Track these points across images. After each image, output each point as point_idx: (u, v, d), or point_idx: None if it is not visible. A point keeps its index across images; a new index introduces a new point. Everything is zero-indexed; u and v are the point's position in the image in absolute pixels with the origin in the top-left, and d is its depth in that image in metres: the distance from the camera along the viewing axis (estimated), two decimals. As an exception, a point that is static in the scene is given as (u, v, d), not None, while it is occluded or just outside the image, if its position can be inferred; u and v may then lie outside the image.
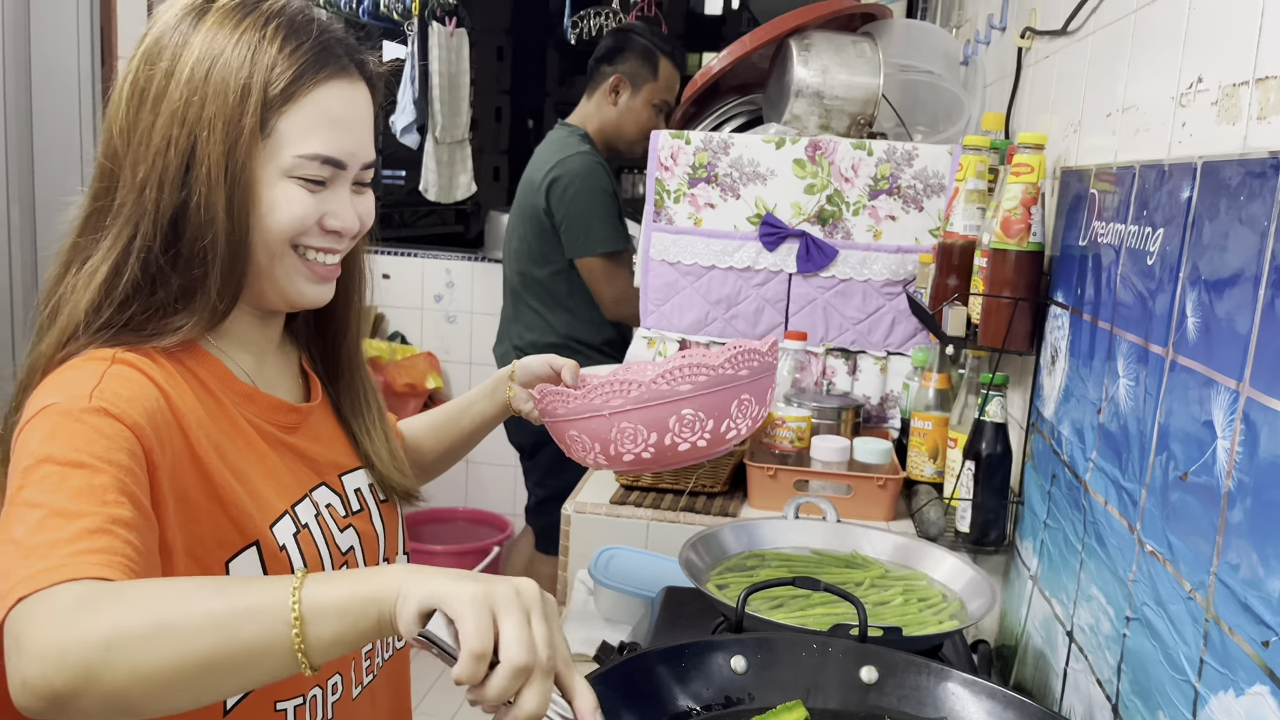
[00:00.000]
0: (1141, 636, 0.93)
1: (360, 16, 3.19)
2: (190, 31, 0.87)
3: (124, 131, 0.87)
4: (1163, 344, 0.94)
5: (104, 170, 0.89)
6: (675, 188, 1.96)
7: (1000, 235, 1.39)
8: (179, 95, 0.85)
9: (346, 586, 0.66)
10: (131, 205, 0.86)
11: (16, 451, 0.77)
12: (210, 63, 0.85)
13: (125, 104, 0.87)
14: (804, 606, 1.17)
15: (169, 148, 0.85)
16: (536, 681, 0.64)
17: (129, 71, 0.89)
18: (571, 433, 1.10)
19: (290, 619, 0.64)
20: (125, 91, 0.88)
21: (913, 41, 2.20)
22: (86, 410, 0.76)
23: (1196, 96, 0.93)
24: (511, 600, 0.65)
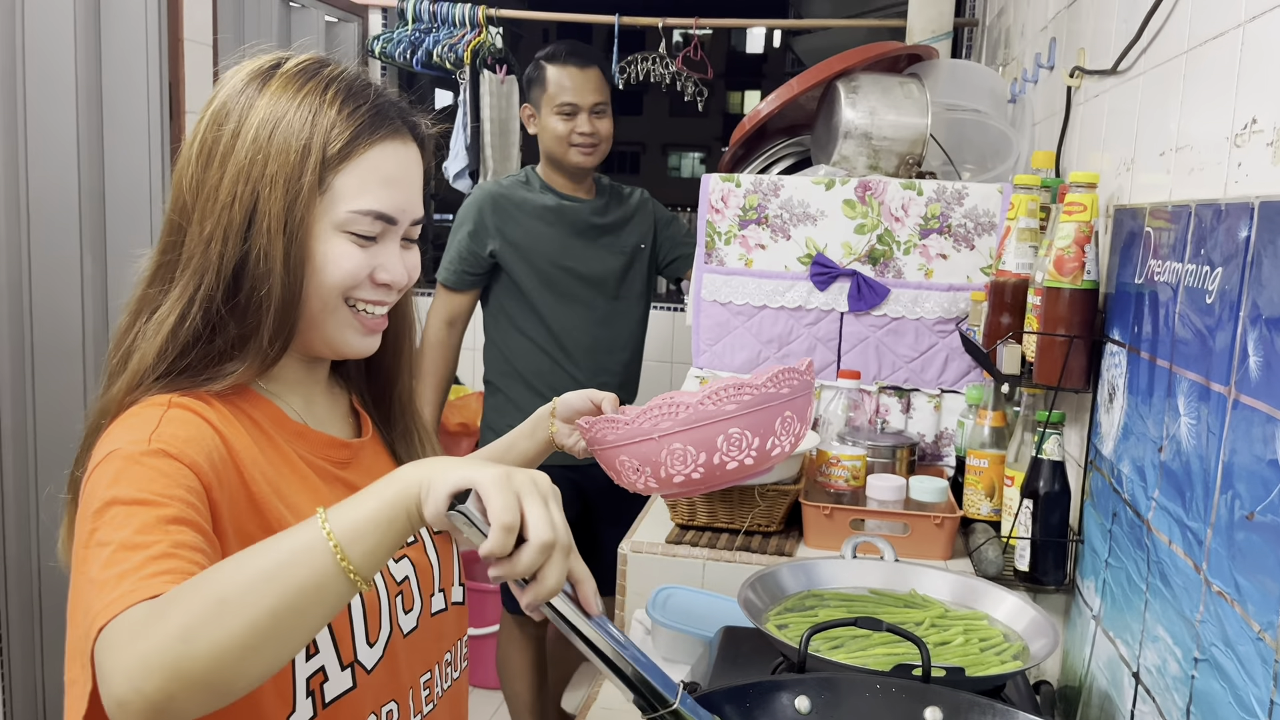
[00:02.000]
0: (1210, 678, 0.92)
1: (414, 66, 3.28)
2: (256, 95, 0.92)
3: (192, 188, 0.91)
4: (1224, 382, 0.94)
5: (172, 225, 0.93)
6: (726, 229, 1.99)
7: (1054, 273, 1.39)
8: (244, 154, 0.89)
9: (370, 500, 0.72)
10: (199, 258, 0.90)
11: (85, 495, 0.81)
12: (274, 124, 0.90)
13: (194, 162, 0.92)
14: (864, 646, 1.17)
15: (234, 203, 0.89)
16: (557, 558, 0.70)
17: (197, 132, 0.94)
18: (622, 458, 1.12)
19: (330, 549, 0.69)
20: (194, 150, 0.92)
21: (958, 81, 2.22)
22: (146, 453, 0.81)
23: (1251, 137, 0.94)
24: (532, 485, 0.71)
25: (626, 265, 2.55)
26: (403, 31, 3.30)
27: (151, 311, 0.92)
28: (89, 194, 2.20)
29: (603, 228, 2.53)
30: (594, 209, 2.53)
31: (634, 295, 2.58)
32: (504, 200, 2.48)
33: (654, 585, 1.63)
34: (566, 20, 3.43)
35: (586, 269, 2.49)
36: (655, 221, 2.63)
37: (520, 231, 2.46)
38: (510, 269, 2.47)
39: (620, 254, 2.55)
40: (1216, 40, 1.06)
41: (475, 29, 3.28)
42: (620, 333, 2.55)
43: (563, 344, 2.48)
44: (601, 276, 2.52)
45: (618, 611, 1.71)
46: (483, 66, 3.29)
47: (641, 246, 2.59)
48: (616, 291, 2.54)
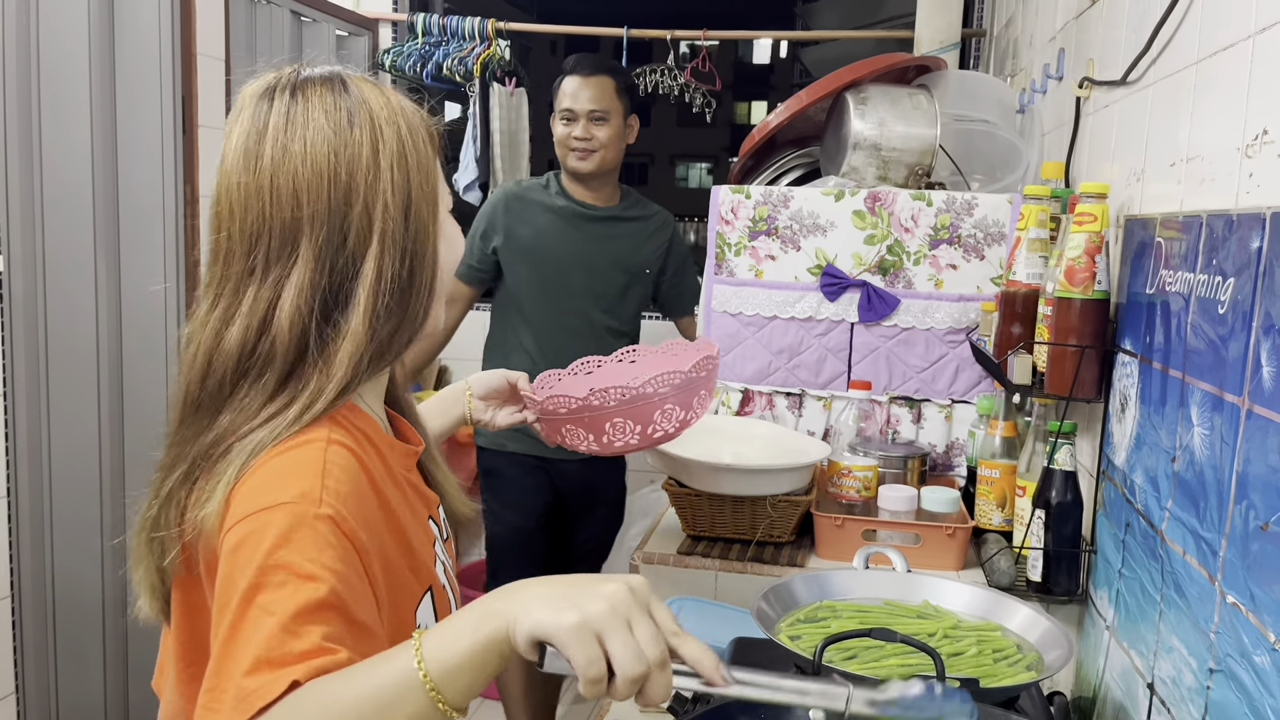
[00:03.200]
0: (1226, 689, 0.92)
1: (424, 80, 3.30)
2: (365, 97, 0.94)
3: (322, 188, 0.89)
4: (1238, 392, 0.94)
5: (287, 224, 0.90)
6: (736, 241, 1.99)
7: (1065, 284, 1.39)
8: (391, 149, 0.92)
9: (464, 640, 0.71)
10: (373, 266, 0.90)
11: (246, 535, 0.78)
12: (398, 123, 0.94)
13: (321, 162, 0.89)
14: (878, 657, 1.17)
15: (393, 192, 0.91)
16: (656, 677, 0.70)
17: (313, 144, 0.91)
18: (568, 427, 1.41)
19: (428, 692, 0.69)
20: (320, 154, 0.90)
21: (967, 92, 2.22)
22: (318, 517, 0.79)
23: (1263, 148, 0.94)
24: (609, 618, 0.69)
25: (627, 284, 2.55)
26: (413, 45, 3.32)
27: (334, 318, 0.89)
28: (103, 207, 2.22)
29: (610, 237, 2.53)
30: (606, 217, 2.54)
31: (628, 316, 2.59)
32: (518, 200, 2.53)
33: (665, 597, 1.64)
34: (575, 33, 3.45)
35: (585, 277, 2.50)
36: (670, 250, 2.62)
37: (527, 230, 2.50)
38: (510, 270, 2.50)
39: (623, 271, 2.54)
40: (1227, 51, 1.06)
41: (485, 42, 3.30)
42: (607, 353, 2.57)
43: (550, 358, 2.44)
44: (600, 291, 2.52)
45: (629, 622, 1.71)
46: (492, 79, 3.30)
47: (647, 271, 2.58)
48: (613, 308, 2.54)
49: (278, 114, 0.91)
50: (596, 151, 2.47)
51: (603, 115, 2.48)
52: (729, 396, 2.03)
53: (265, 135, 0.90)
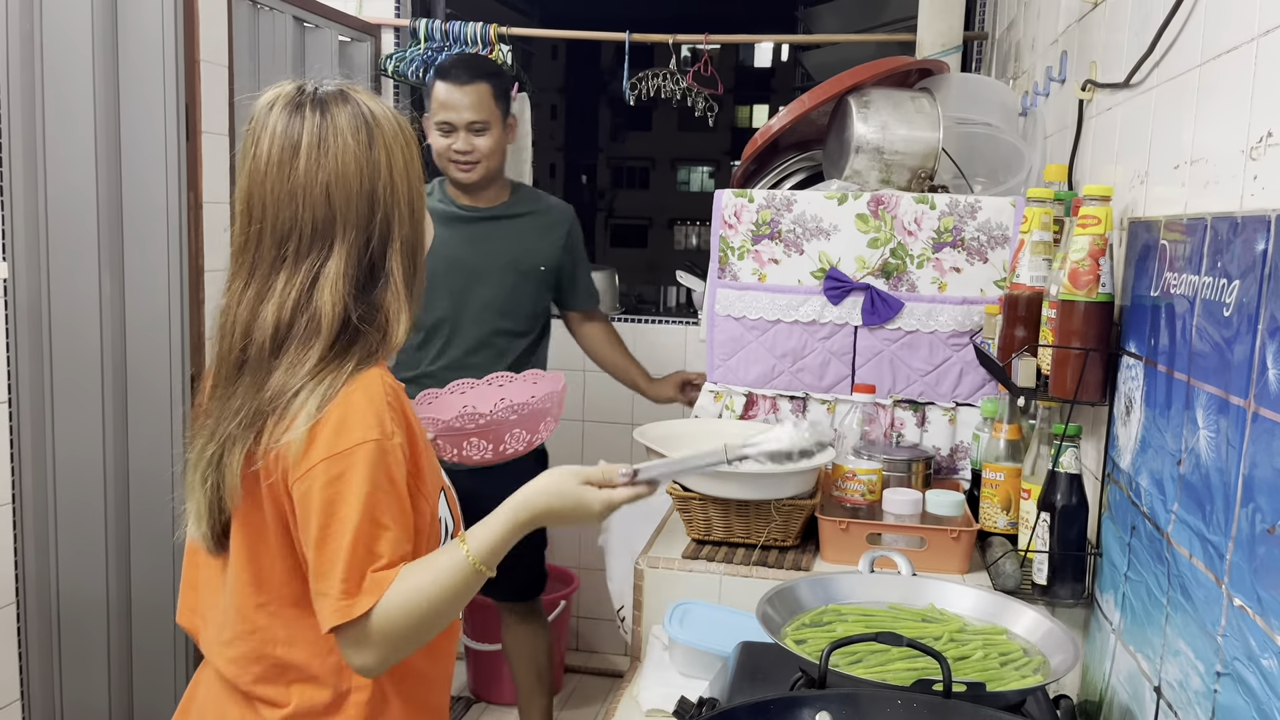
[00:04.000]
0: (1234, 693, 0.92)
1: (426, 85, 3.30)
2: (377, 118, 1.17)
3: (353, 187, 1.13)
4: (1243, 395, 0.94)
5: (322, 220, 1.13)
6: (739, 244, 1.99)
7: (1068, 287, 1.39)
8: (399, 158, 1.17)
9: (504, 530, 1.13)
10: (397, 258, 1.16)
11: (350, 469, 1.06)
12: (397, 132, 1.19)
13: (356, 164, 1.13)
14: (884, 661, 1.17)
15: (410, 191, 1.18)
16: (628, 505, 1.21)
17: (348, 148, 1.14)
18: (439, 441, 1.84)
19: (475, 569, 1.10)
20: (352, 158, 1.13)
21: (969, 95, 2.23)
22: (392, 446, 1.09)
23: (1267, 150, 0.94)
24: (590, 515, 1.18)
25: (516, 283, 2.46)
26: (415, 50, 3.32)
27: (386, 287, 1.16)
28: (107, 213, 2.22)
29: (494, 237, 2.46)
30: (487, 217, 2.47)
31: (525, 317, 2.50)
32: None
33: (671, 600, 1.63)
34: (577, 38, 3.45)
35: (472, 281, 2.43)
36: (568, 249, 2.54)
37: None
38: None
39: (511, 270, 2.46)
40: (1230, 54, 1.06)
41: (486, 47, 3.30)
42: (504, 357, 2.45)
43: (454, 367, 2.41)
44: (490, 293, 2.44)
45: (635, 627, 1.71)
46: (494, 84, 3.30)
47: (542, 268, 2.49)
48: (507, 310, 2.46)
49: (309, 131, 1.11)
50: (479, 163, 2.39)
51: (483, 126, 2.39)
52: (733, 400, 2.02)
53: (300, 149, 1.11)
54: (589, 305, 2.68)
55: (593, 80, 20.05)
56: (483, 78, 2.39)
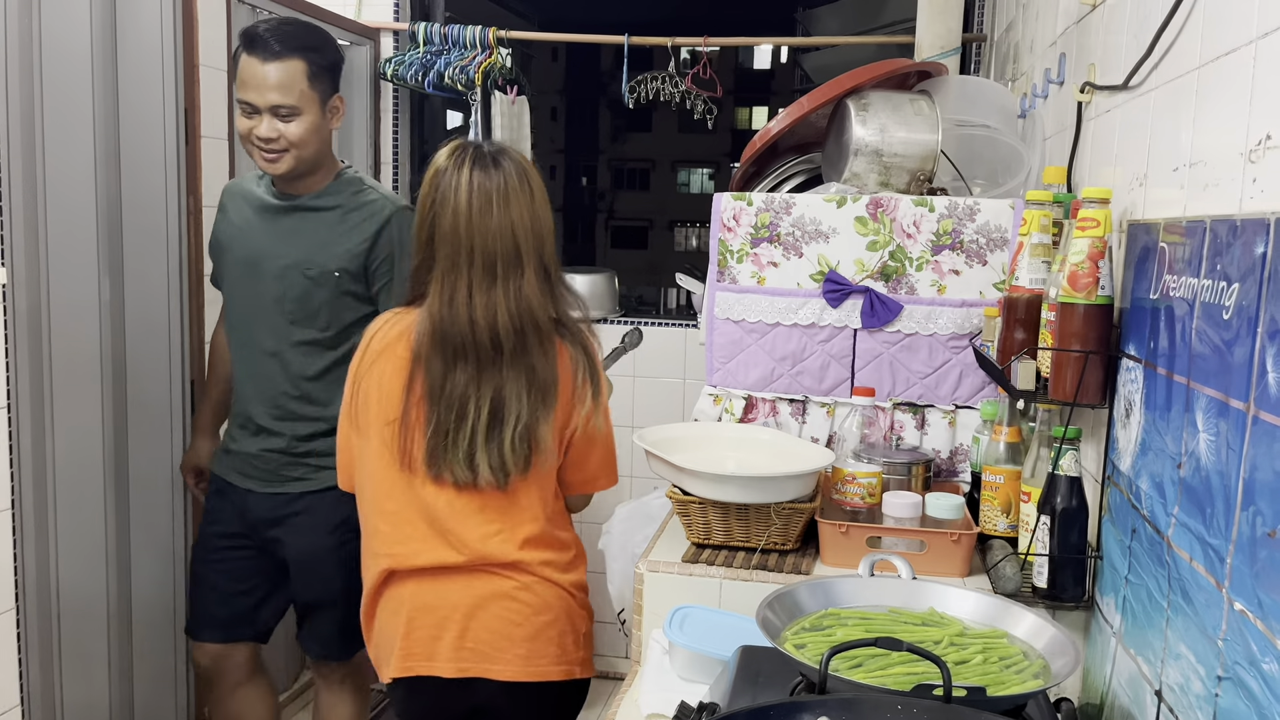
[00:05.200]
0: (1235, 696, 0.92)
1: (426, 88, 3.30)
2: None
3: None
4: (1243, 398, 0.94)
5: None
6: (738, 248, 1.99)
7: (1068, 289, 1.39)
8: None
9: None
10: (555, 271, 1.71)
11: (607, 417, 1.74)
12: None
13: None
14: (884, 666, 1.17)
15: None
16: None
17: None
18: None
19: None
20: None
21: (968, 97, 2.22)
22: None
23: (1266, 153, 0.94)
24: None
25: (307, 290, 2.08)
26: (414, 54, 3.32)
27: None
28: (106, 218, 2.22)
29: (293, 232, 2.11)
30: (292, 208, 2.12)
31: (324, 326, 2.12)
32: (228, 193, 2.25)
33: (671, 604, 1.63)
34: (576, 41, 3.46)
35: (262, 281, 2.11)
36: (376, 254, 2.09)
37: (226, 229, 2.21)
38: (215, 265, 2.27)
39: (299, 273, 2.08)
40: (1229, 56, 1.06)
41: (486, 51, 3.30)
42: (289, 370, 2.12)
43: (253, 382, 2.18)
44: (281, 297, 2.10)
45: (635, 630, 1.71)
46: (494, 87, 3.31)
47: (336, 274, 2.08)
48: (302, 319, 2.11)
49: (497, 186, 1.62)
50: (287, 152, 2.03)
51: (293, 110, 2.01)
52: (732, 403, 2.02)
53: (493, 199, 1.61)
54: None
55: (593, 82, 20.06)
56: (295, 52, 2.00)
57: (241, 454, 2.19)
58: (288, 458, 2.15)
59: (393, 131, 3.51)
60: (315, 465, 2.15)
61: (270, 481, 2.17)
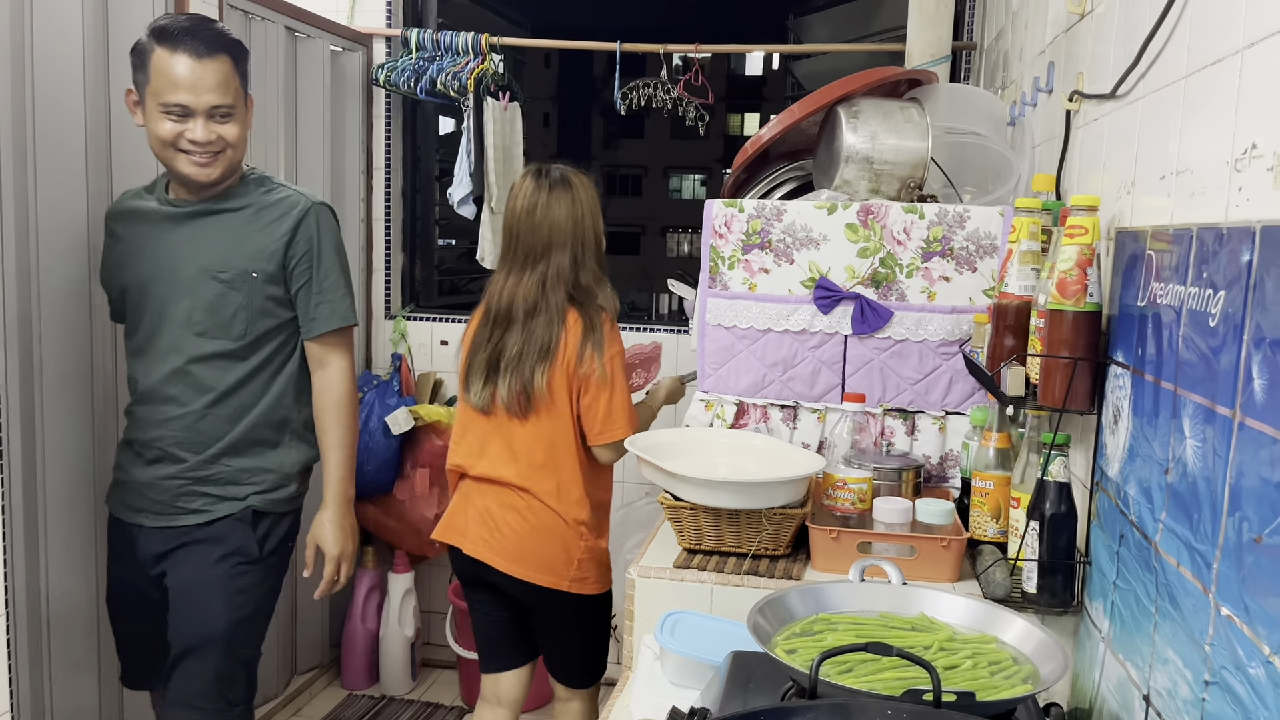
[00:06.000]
0: (1222, 701, 0.93)
1: (418, 94, 3.31)
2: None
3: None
4: (1229, 405, 0.95)
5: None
6: (730, 254, 2.00)
7: (1056, 296, 1.40)
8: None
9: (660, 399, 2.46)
10: (591, 250, 2.22)
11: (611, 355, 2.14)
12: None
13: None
14: (874, 670, 1.17)
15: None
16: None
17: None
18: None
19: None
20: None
21: (958, 105, 2.24)
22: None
23: (1251, 163, 0.95)
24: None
25: (219, 295, 1.97)
26: (406, 60, 3.33)
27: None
28: (97, 222, 2.21)
29: (198, 237, 1.98)
30: (195, 213, 1.99)
31: (239, 336, 1.99)
32: (114, 217, 2.09)
33: (662, 610, 1.64)
34: (568, 48, 3.46)
35: (169, 293, 1.98)
36: (294, 251, 2.00)
37: (118, 248, 2.06)
38: (108, 290, 2.12)
39: (209, 276, 1.96)
40: (1215, 66, 1.07)
41: (478, 57, 3.31)
42: (206, 390, 1.99)
43: (151, 400, 2.02)
44: (187, 308, 1.97)
45: (626, 636, 1.71)
46: (486, 93, 3.31)
47: (253, 275, 1.98)
48: (211, 329, 1.98)
49: (541, 197, 2.14)
50: (223, 153, 1.92)
51: (229, 110, 1.91)
52: (724, 409, 2.03)
53: (536, 206, 2.13)
54: (321, 329, 2.05)
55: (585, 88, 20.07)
56: (224, 49, 1.90)
57: (132, 484, 2.04)
58: (187, 485, 1.99)
59: (385, 137, 3.52)
60: (216, 495, 2.01)
61: (162, 513, 2.01)
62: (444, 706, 3.31)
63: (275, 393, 2.04)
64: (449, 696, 3.38)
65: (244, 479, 2.02)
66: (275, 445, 2.05)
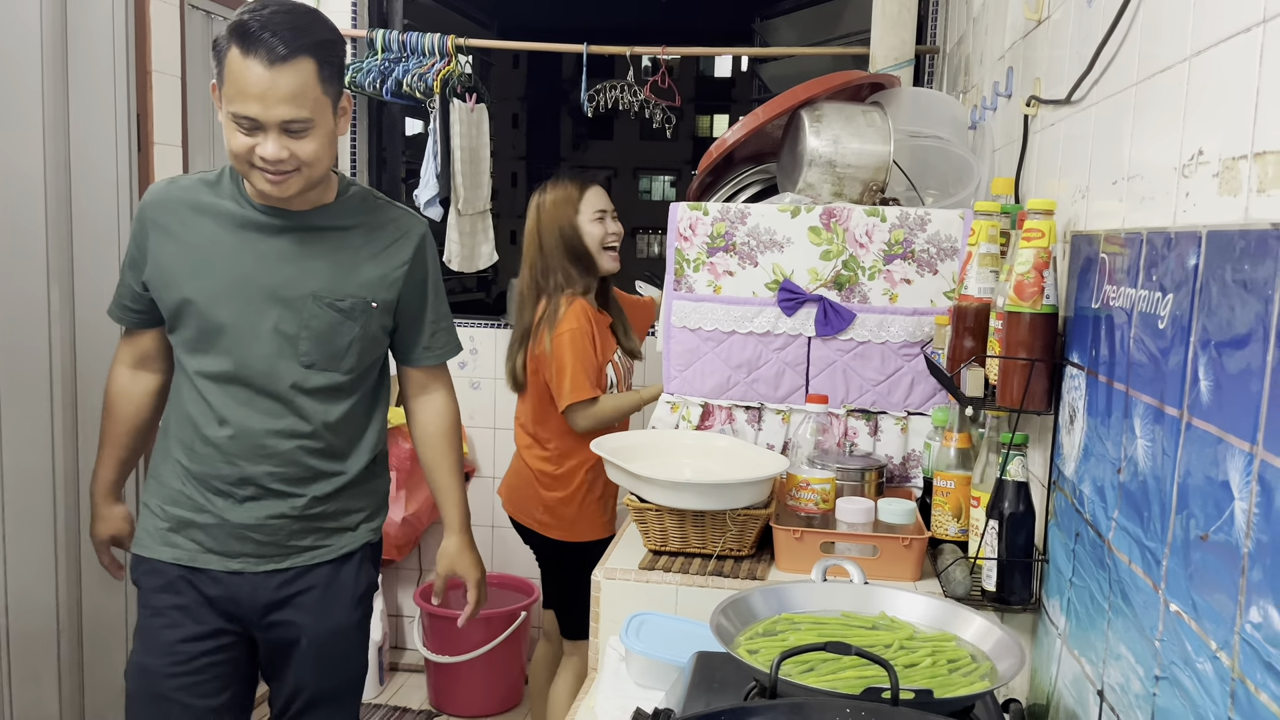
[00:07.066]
0: (1171, 696, 0.95)
1: (384, 96, 3.29)
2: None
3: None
4: (1177, 405, 0.97)
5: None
6: (694, 257, 2.01)
7: (1014, 298, 1.42)
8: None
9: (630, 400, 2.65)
10: (555, 251, 2.59)
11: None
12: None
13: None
14: (835, 670, 1.18)
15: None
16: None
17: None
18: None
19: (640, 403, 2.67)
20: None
21: (920, 109, 2.26)
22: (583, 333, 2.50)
23: (1198, 168, 0.97)
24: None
25: (335, 325, 1.72)
26: (372, 61, 3.31)
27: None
28: (55, 225, 2.19)
29: (308, 255, 1.72)
30: (301, 226, 1.72)
31: (350, 369, 1.77)
32: (167, 208, 1.74)
33: (627, 612, 1.64)
34: (535, 49, 3.46)
35: (266, 314, 1.70)
36: (412, 278, 1.81)
37: (178, 249, 1.72)
38: (166, 312, 1.76)
39: (326, 305, 1.72)
40: (1165, 73, 1.09)
41: (444, 58, 3.30)
42: (310, 418, 1.75)
43: (238, 442, 1.73)
44: (292, 335, 1.71)
45: (592, 638, 1.72)
46: (452, 95, 3.31)
47: (374, 305, 1.76)
48: (321, 360, 1.73)
49: (531, 205, 2.61)
50: (298, 171, 1.63)
51: (305, 125, 1.60)
52: (689, 411, 2.04)
53: (529, 214, 2.60)
54: (442, 358, 1.91)
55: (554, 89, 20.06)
56: (306, 51, 1.58)
57: (223, 527, 1.73)
58: (299, 524, 1.77)
59: (351, 139, 3.50)
60: (330, 529, 1.81)
61: (270, 556, 1.76)
62: (412, 710, 3.29)
63: (378, 425, 1.88)
64: (417, 700, 3.37)
65: (351, 508, 1.85)
66: (374, 474, 1.89)
